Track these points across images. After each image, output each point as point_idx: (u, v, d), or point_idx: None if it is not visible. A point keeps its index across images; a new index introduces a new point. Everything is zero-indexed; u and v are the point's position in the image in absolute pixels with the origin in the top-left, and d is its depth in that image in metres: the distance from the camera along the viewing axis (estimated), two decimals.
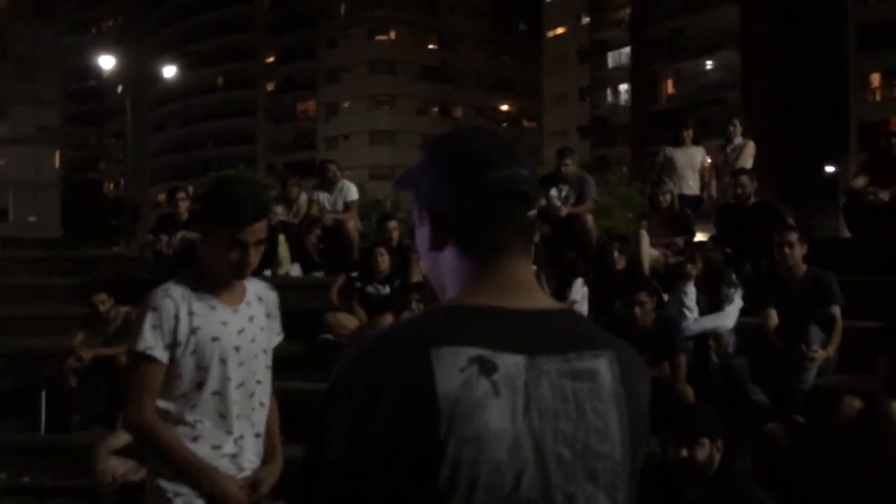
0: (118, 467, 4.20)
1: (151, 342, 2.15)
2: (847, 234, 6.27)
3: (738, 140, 7.32)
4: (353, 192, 7.74)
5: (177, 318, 2.17)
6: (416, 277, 6.15)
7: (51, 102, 43.68)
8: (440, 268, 1.13)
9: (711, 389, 4.35)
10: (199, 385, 2.20)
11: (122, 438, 4.39)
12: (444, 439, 0.96)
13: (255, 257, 2.20)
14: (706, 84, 38.42)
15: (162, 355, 2.16)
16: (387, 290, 6.03)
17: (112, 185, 55.03)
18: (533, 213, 1.10)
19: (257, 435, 2.31)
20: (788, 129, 33.06)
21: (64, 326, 6.72)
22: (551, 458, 0.99)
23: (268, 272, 7.09)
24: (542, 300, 1.10)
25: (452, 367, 0.98)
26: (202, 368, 2.20)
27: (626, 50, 42.52)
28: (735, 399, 4.25)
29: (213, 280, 2.25)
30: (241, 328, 2.25)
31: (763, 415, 4.23)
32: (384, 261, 6.08)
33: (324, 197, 7.65)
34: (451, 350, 0.99)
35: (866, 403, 3.84)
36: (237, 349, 2.23)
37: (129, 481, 4.13)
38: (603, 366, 1.05)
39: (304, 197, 7.86)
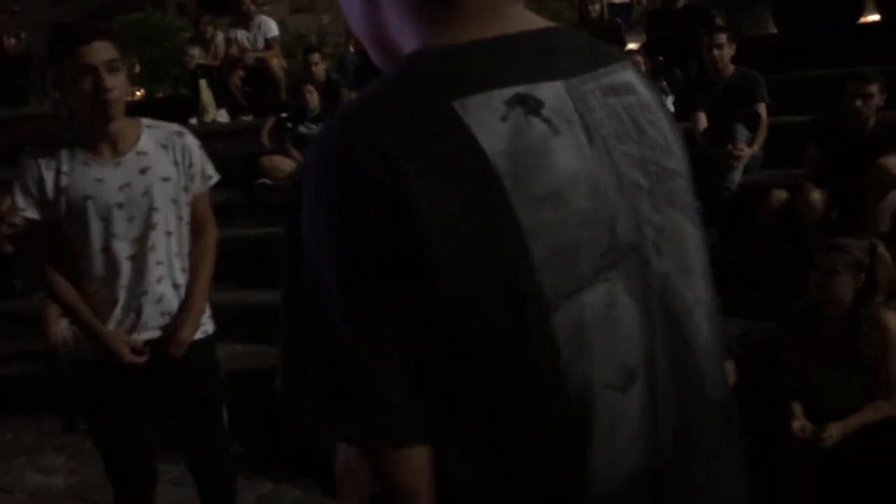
0: (70, 328, 4.21)
1: (23, 204, 2.13)
2: (775, 30, 6.28)
3: None
4: (272, 28, 7.36)
5: (41, 178, 2.13)
6: None
7: None
8: (388, 24, 0.84)
9: None
10: (84, 243, 2.17)
11: None
12: (512, 204, 0.71)
13: (113, 81, 2.05)
14: None
15: (35, 214, 2.15)
16: (319, 128, 5.91)
17: (13, 41, 51.07)
18: None
19: (175, 286, 2.29)
20: None
21: None
22: (631, 188, 0.80)
23: (193, 120, 6.86)
24: (533, 18, 0.85)
25: (491, 118, 0.73)
26: (81, 226, 2.15)
27: None
28: None
29: (90, 134, 2.15)
30: (125, 182, 2.16)
31: None
32: (313, 98, 5.91)
33: (242, 35, 7.26)
34: (478, 98, 0.74)
35: (791, 195, 4.03)
36: (120, 205, 2.16)
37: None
38: (633, 76, 0.87)
39: (220, 37, 7.47)
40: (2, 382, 4.72)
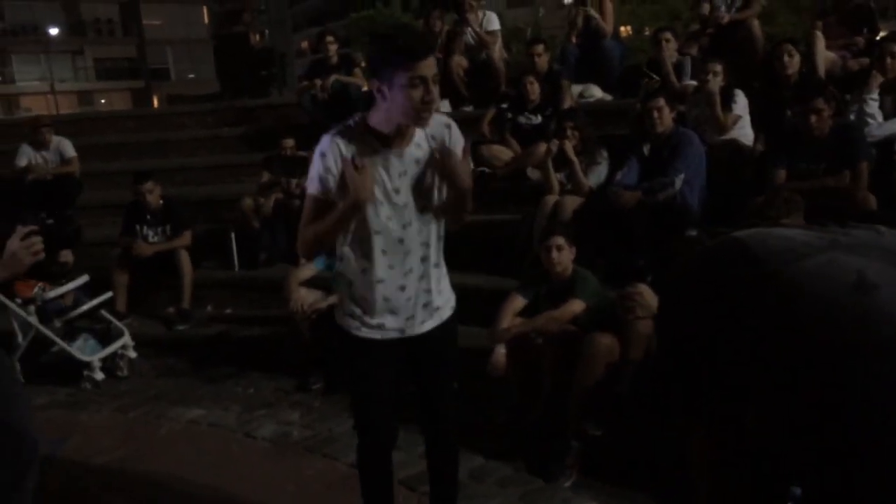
0: (307, 297, 4.60)
1: (323, 187, 2.29)
2: None
3: None
4: (494, 22, 7.53)
5: (336, 164, 2.28)
6: (567, 104, 6.00)
7: None
8: None
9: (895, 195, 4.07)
10: (362, 226, 2.35)
11: (308, 271, 4.79)
12: None
13: (436, 92, 2.23)
14: None
15: (329, 198, 2.30)
16: (538, 118, 5.95)
17: (257, 37, 56.25)
18: None
19: (437, 265, 2.49)
20: None
21: (235, 174, 7.25)
22: None
23: None
24: None
25: None
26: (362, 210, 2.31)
27: None
28: None
29: (383, 125, 2.29)
30: (403, 171, 2.33)
31: None
32: (534, 89, 5.95)
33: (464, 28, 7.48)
34: None
35: None
36: (397, 191, 2.33)
37: (318, 308, 4.54)
38: None
39: (445, 30, 7.74)
40: (245, 343, 5.27)
